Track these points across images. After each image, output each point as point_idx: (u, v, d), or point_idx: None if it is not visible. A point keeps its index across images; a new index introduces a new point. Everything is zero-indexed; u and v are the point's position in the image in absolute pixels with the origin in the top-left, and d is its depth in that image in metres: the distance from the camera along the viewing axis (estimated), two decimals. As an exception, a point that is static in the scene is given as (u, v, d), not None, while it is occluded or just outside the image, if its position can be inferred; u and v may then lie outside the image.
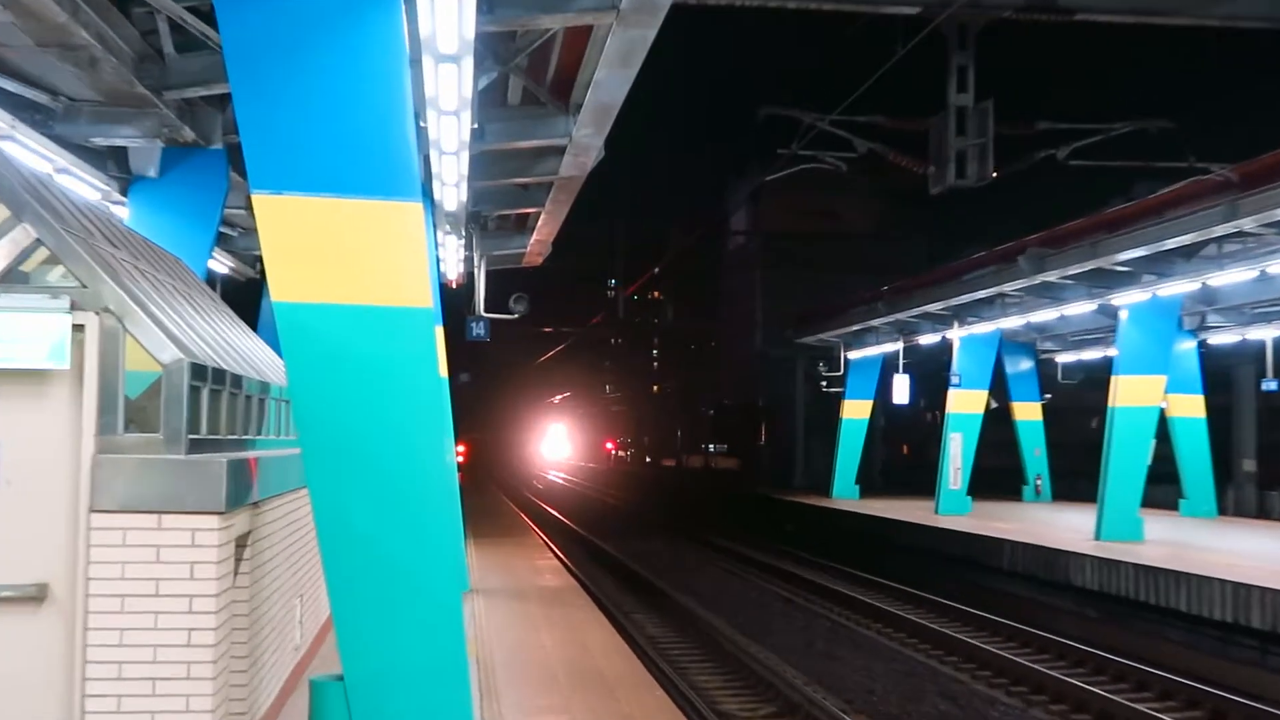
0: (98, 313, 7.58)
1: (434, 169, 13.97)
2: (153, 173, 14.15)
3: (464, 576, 19.49)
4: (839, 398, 42.76)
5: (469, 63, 10.06)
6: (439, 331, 18.32)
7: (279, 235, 7.86)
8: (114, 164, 14.21)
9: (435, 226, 17.89)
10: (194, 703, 7.42)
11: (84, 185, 13.72)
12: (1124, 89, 66.68)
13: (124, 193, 14.37)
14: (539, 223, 21.33)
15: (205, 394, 8.08)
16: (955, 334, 33.23)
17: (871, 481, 46.84)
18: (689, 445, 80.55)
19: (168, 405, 7.66)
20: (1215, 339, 31.58)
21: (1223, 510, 33.00)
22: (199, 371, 7.91)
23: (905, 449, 57.83)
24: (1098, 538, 25.15)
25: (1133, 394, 25.29)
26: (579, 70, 13.62)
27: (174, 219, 14.14)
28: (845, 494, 41.90)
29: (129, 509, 7.48)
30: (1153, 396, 25.69)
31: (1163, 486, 34.04)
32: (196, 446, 7.82)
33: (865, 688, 17.58)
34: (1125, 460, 25.44)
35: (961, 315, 32.43)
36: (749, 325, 64.62)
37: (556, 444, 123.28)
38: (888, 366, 39.23)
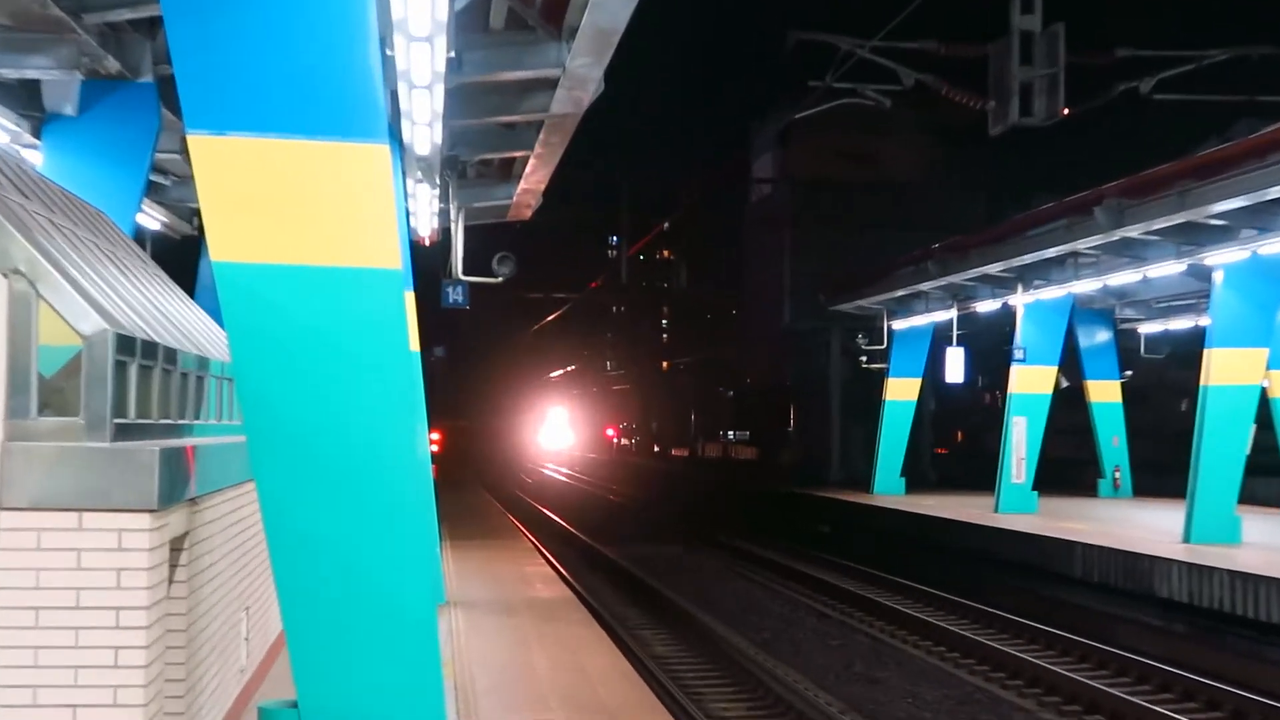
0: (6, 275, 7.57)
1: (403, 106, 13.94)
2: (70, 110, 14.12)
3: (439, 586, 19.52)
4: (881, 376, 42.73)
5: (444, -22, 10.03)
6: (409, 298, 18.33)
7: (220, 183, 7.84)
8: (25, 100, 14.19)
9: (404, 174, 17.87)
10: (122, 733, 7.44)
11: (-11, 125, 13.71)
12: (1221, 8, 66.29)
13: (36, 134, 14.35)
14: (527, 169, 21.29)
15: (133, 371, 8.07)
16: (1019, 300, 33.17)
17: (920, 474, 46.82)
18: (705, 432, 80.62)
19: (89, 384, 7.65)
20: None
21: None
22: (126, 344, 7.90)
23: (959, 436, 57.82)
24: (1187, 540, 25.14)
25: (1229, 370, 25.24)
26: (574, -13, 13.58)
27: (96, 165, 14.11)
28: (889, 489, 41.91)
29: (44, 506, 7.47)
30: (1253, 373, 25.63)
31: (1264, 480, 34.00)
32: (123, 433, 7.82)
33: (914, 717, 17.63)
34: (1220, 449, 25.38)
35: (1027, 278, 32.36)
36: (776, 291, 64.48)
37: (549, 431, 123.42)
38: (939, 339, 39.19)
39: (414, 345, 18.29)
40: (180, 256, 21.24)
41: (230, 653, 10.70)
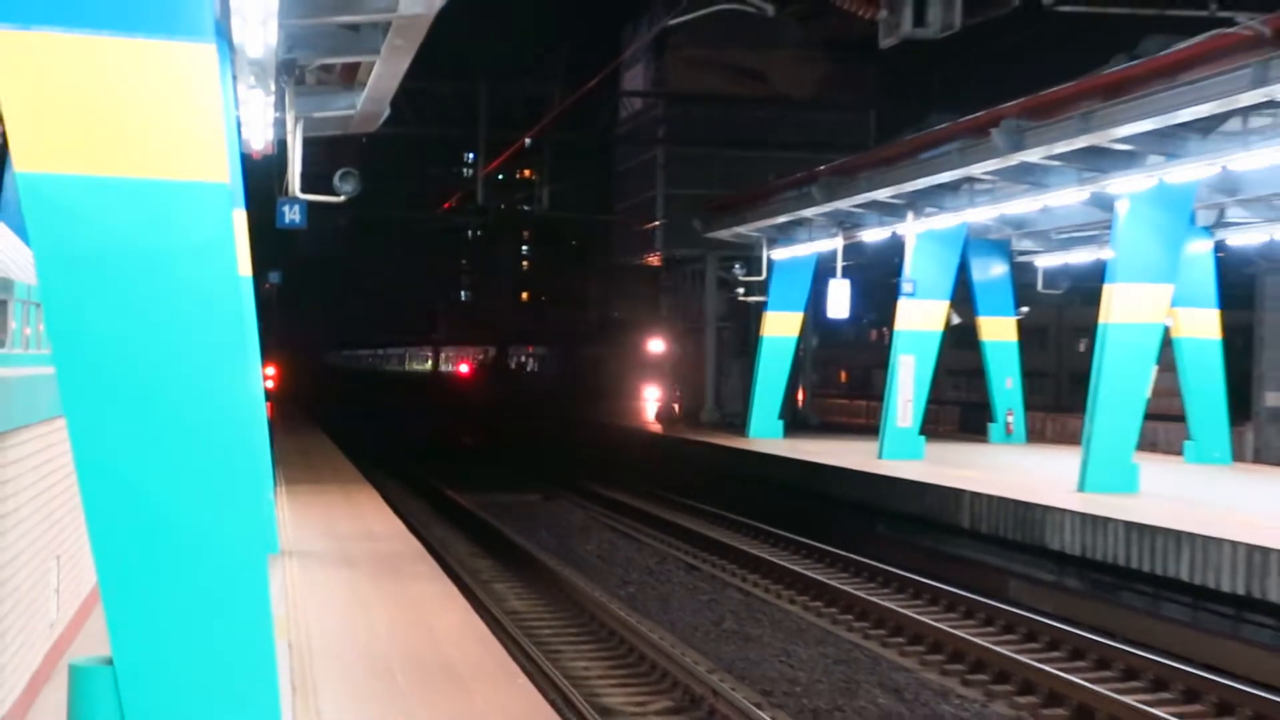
0: None
1: (233, 1, 13.74)
2: None
3: (272, 535, 19.43)
4: (759, 310, 42.94)
5: None
6: (239, 216, 18.14)
7: (24, 84, 7.70)
8: None
9: (235, 79, 17.61)
10: (-87, 695, 7.35)
11: None
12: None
13: None
14: (372, 76, 21.06)
15: (-77, 292, 7.93)
16: (909, 229, 33.47)
17: (800, 417, 47.25)
18: (572, 370, 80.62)
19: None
20: (1236, 239, 32.18)
21: (1238, 455, 33.76)
22: (-84, 263, 7.76)
23: (843, 376, 58.48)
24: (1082, 489, 25.64)
25: (1131, 308, 25.66)
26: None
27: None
28: (765, 433, 42.23)
29: None
30: (1156, 311, 26.08)
31: (1165, 425, 34.76)
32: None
33: (787, 677, 17.85)
34: (1118, 392, 25.84)
35: (918, 205, 32.65)
36: (648, 215, 64.69)
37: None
38: (823, 270, 39.45)
39: (245, 269, 18.10)
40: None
41: (38, 606, 10.58)
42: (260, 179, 23.28)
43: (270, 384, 42.94)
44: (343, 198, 21.81)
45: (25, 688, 10.07)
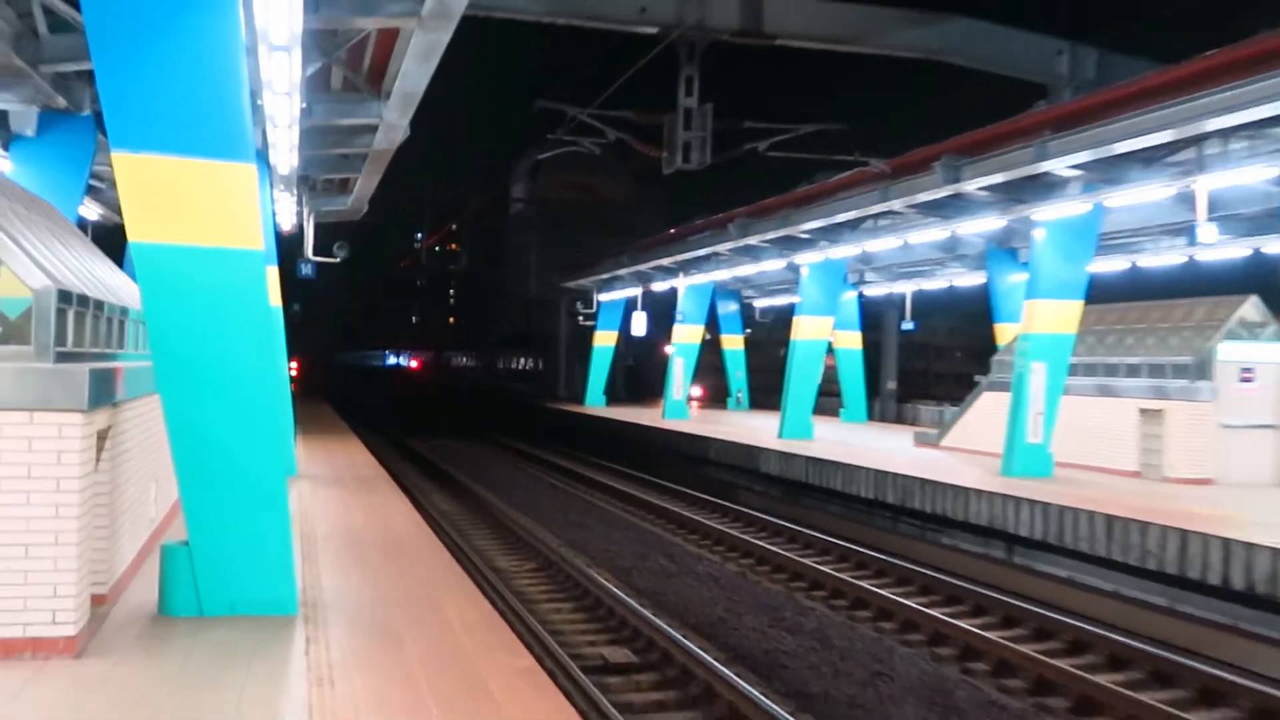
0: (-24, 246, 7.09)
1: (270, 139, 13.48)
2: (30, 133, 13.26)
3: (292, 465, 19.02)
4: (592, 330, 43.04)
5: (298, 52, 9.72)
6: (273, 270, 17.76)
7: (135, 187, 7.55)
8: (-3, 124, 13.27)
9: (271, 185, 17.27)
10: (61, 563, 7.11)
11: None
12: (811, 99, 68.44)
13: (5, 148, 13.45)
14: (356, 186, 20.80)
15: (71, 315, 7.67)
16: (681, 282, 33.78)
17: (616, 394, 47.35)
18: (481, 364, 79.97)
19: (38, 324, 7.26)
20: (871, 291, 32.93)
21: (872, 418, 34.53)
22: (65, 296, 7.50)
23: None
24: (780, 436, 26.03)
25: (809, 330, 26.10)
26: (389, 63, 13.31)
27: (48, 172, 13.32)
28: (595, 402, 42.35)
29: (5, 408, 7.07)
30: (824, 332, 26.55)
31: (830, 399, 35.44)
32: (63, 358, 7.44)
33: (606, 550, 17.92)
34: (801, 379, 26.32)
35: (686, 268, 32.97)
36: (526, 273, 64.36)
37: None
38: (630, 306, 39.65)
39: (275, 302, 17.72)
40: (115, 239, 20.10)
41: (142, 509, 10.28)
42: (287, 246, 22.83)
43: (294, 373, 41.94)
44: (339, 259, 21.52)
45: (135, 557, 9.79)
